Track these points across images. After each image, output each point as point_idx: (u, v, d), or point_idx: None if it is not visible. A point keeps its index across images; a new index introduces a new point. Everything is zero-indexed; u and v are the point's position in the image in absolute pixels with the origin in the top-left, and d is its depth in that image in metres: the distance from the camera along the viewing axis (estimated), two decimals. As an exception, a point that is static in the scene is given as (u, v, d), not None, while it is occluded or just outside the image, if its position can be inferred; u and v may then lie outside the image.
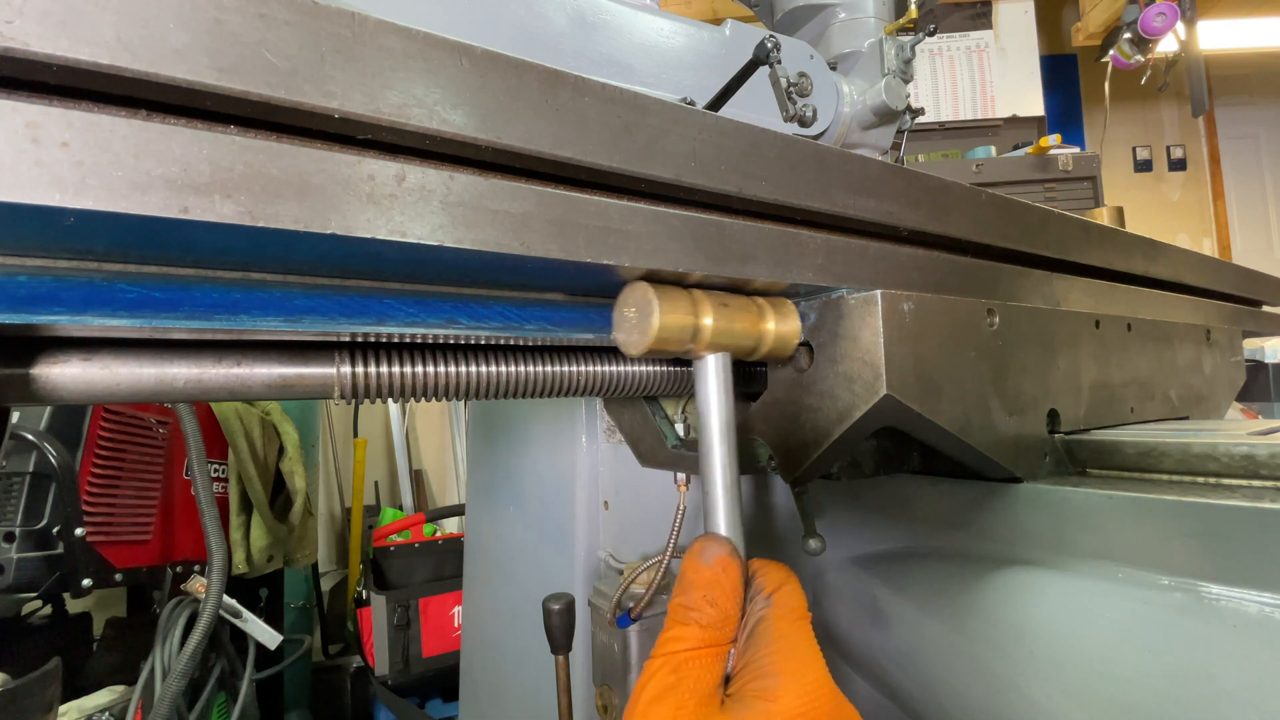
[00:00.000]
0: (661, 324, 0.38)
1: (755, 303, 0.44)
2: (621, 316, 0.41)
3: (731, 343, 0.42)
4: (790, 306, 0.46)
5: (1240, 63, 4.20)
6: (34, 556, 1.18)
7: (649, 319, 0.39)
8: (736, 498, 0.41)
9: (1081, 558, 0.48)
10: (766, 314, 0.44)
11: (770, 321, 0.44)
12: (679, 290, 0.40)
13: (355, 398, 0.41)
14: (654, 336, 0.39)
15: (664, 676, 0.35)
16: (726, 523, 0.41)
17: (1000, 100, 3.11)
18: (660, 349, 0.40)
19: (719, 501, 0.41)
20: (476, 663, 1.06)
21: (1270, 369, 2.09)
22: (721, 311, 0.41)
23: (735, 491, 0.41)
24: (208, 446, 1.29)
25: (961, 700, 0.54)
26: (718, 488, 0.41)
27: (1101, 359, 0.63)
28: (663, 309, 0.39)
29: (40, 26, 0.21)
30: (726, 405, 0.42)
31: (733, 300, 0.43)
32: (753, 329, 0.43)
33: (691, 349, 0.41)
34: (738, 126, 0.39)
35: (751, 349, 0.44)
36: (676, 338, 0.40)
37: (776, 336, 0.44)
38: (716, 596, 0.37)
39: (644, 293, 0.39)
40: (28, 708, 0.97)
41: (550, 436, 0.81)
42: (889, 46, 1.12)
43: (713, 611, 0.36)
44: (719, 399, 0.42)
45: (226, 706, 1.55)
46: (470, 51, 0.30)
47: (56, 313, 0.29)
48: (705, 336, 0.41)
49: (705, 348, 0.41)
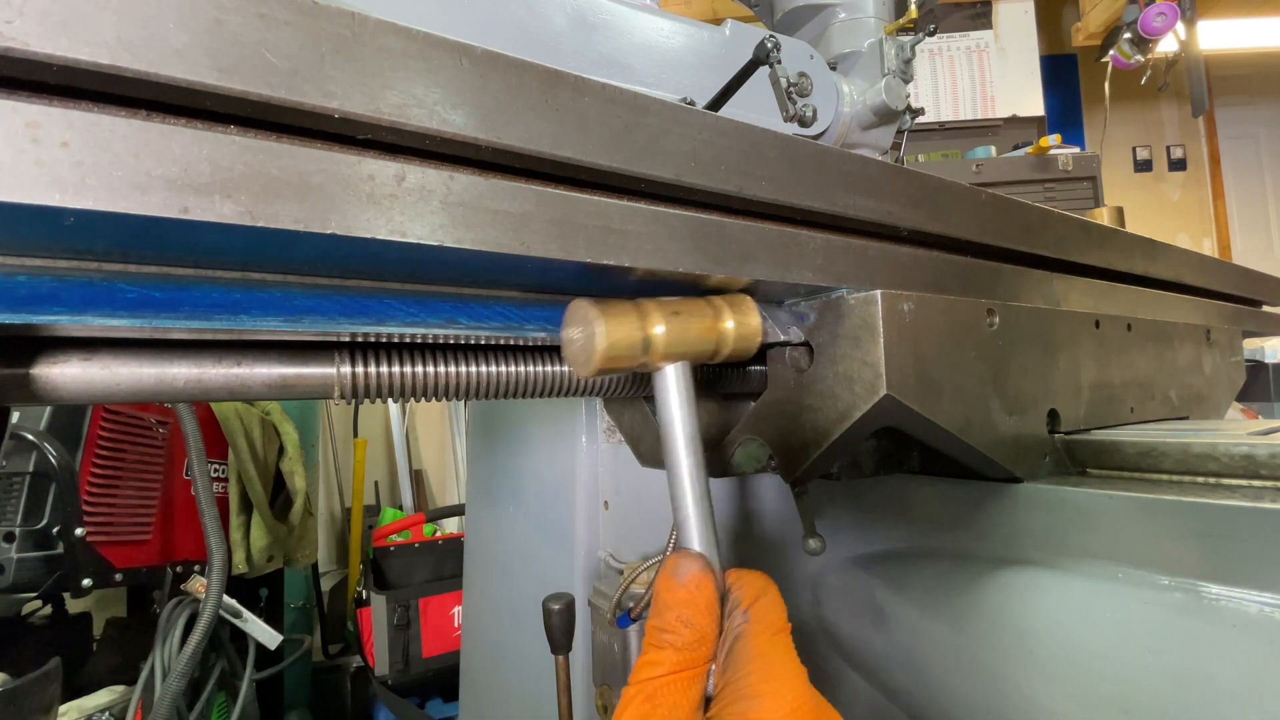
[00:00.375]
0: (609, 343, 0.36)
1: (711, 304, 0.42)
2: (567, 339, 0.39)
3: (688, 350, 0.40)
4: (749, 302, 0.43)
5: (1240, 63, 4.20)
6: (34, 556, 1.18)
7: (594, 340, 0.37)
8: (708, 509, 0.40)
9: (1081, 558, 0.48)
10: (724, 314, 0.42)
11: (728, 320, 0.42)
12: (624, 303, 0.38)
13: (355, 398, 0.41)
14: (601, 356, 0.36)
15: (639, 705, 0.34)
16: (699, 537, 0.39)
17: (1000, 100, 3.11)
18: (611, 367, 0.37)
19: (690, 515, 0.39)
20: (476, 663, 1.06)
21: (1270, 369, 2.09)
22: (673, 320, 0.39)
23: (706, 503, 0.40)
24: (208, 446, 1.29)
25: (961, 700, 0.54)
26: (687, 501, 0.39)
27: (1101, 359, 0.63)
28: (608, 326, 0.36)
29: (40, 26, 0.21)
30: (690, 415, 0.40)
31: (684, 305, 0.40)
32: (709, 333, 0.41)
33: (646, 362, 0.39)
34: (738, 126, 0.39)
35: (712, 352, 0.42)
36: (627, 354, 0.37)
37: (737, 336, 0.42)
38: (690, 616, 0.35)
39: (585, 311, 0.37)
40: (28, 708, 0.97)
41: (550, 436, 0.81)
42: (889, 46, 1.12)
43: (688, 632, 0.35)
44: (681, 410, 0.40)
45: (226, 706, 1.55)
46: (470, 51, 0.30)
47: (56, 313, 0.29)
48: (658, 347, 0.38)
49: (661, 359, 0.39)
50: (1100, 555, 0.47)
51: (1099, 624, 0.45)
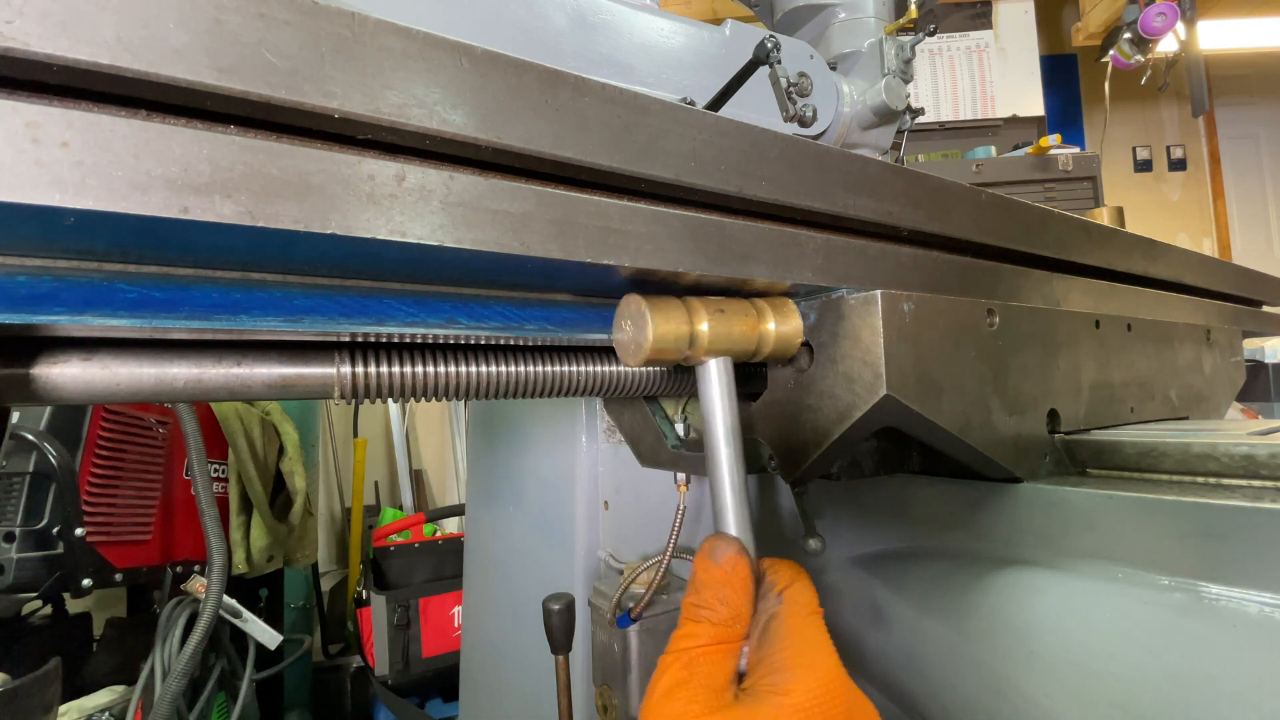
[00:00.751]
0: (656, 335, 0.39)
1: (755, 305, 0.44)
2: (619, 329, 0.42)
3: (731, 347, 0.43)
4: (791, 306, 0.46)
5: (1240, 63, 4.20)
6: (34, 556, 1.18)
7: (644, 331, 0.39)
8: (744, 498, 0.42)
9: (1081, 558, 0.48)
10: (767, 315, 0.44)
11: (771, 322, 0.44)
12: (672, 299, 0.41)
13: (355, 398, 0.41)
14: (650, 348, 0.39)
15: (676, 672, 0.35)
16: (736, 522, 0.41)
17: (1000, 100, 3.11)
18: (658, 358, 0.40)
19: (728, 502, 0.41)
20: (476, 663, 1.06)
21: (1270, 369, 2.09)
22: (718, 317, 0.41)
23: (743, 492, 0.42)
24: (208, 446, 1.29)
25: (962, 700, 0.54)
26: (725, 489, 0.41)
27: (1101, 359, 0.63)
28: (656, 320, 0.39)
29: (40, 26, 0.21)
30: (731, 408, 0.42)
31: (730, 305, 0.43)
32: (752, 332, 0.44)
33: (690, 355, 0.42)
34: (738, 126, 0.39)
35: (753, 351, 0.44)
36: (673, 347, 0.40)
37: (778, 337, 0.45)
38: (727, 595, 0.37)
39: (637, 305, 0.40)
40: (28, 708, 0.97)
41: (550, 436, 0.81)
42: (889, 46, 1.12)
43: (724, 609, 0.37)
44: (723, 402, 0.42)
45: (226, 706, 1.55)
46: (470, 51, 0.30)
47: (56, 313, 0.29)
48: (703, 342, 0.41)
49: (704, 353, 0.42)
50: (1100, 555, 0.47)
51: (1099, 624, 0.45)
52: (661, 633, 0.62)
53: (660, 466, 0.63)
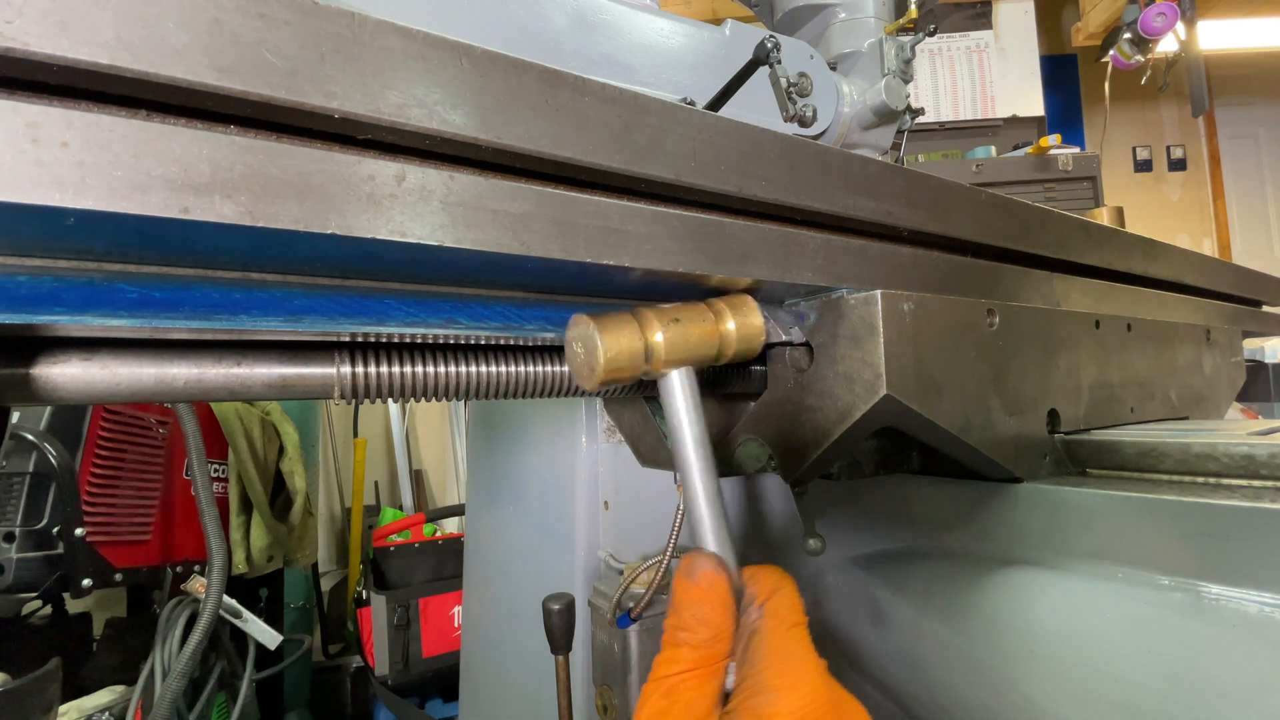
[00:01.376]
0: (609, 356, 0.37)
1: (711, 306, 0.43)
2: (571, 353, 0.40)
3: (690, 355, 0.41)
4: (751, 303, 0.44)
5: (1240, 63, 4.20)
6: (34, 556, 1.18)
7: (595, 354, 0.37)
8: (720, 509, 0.40)
9: (1081, 558, 0.48)
10: (725, 316, 0.42)
11: (729, 322, 0.42)
12: (622, 314, 0.39)
13: (355, 398, 0.41)
14: (604, 369, 0.37)
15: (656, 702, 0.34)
16: (713, 536, 0.40)
17: (1000, 100, 3.11)
18: (615, 378, 0.38)
19: (703, 515, 0.40)
20: (476, 663, 1.06)
21: (1270, 369, 2.09)
22: (673, 327, 0.40)
23: (718, 503, 0.40)
24: (208, 446, 1.29)
25: (961, 701, 0.54)
26: (700, 501, 0.40)
27: (1101, 359, 0.63)
28: (605, 339, 0.37)
29: (40, 26, 0.21)
30: (697, 419, 0.40)
31: (684, 311, 0.41)
32: (711, 336, 0.42)
33: (649, 370, 0.40)
34: (738, 126, 0.39)
35: (715, 355, 0.43)
36: (629, 364, 0.38)
37: (740, 338, 0.43)
38: (706, 614, 0.36)
39: (584, 326, 0.38)
40: (28, 708, 0.97)
41: (550, 436, 0.81)
42: (889, 46, 1.12)
43: (703, 630, 0.36)
44: (688, 414, 0.40)
45: (226, 706, 1.55)
46: (470, 51, 0.30)
47: (56, 313, 0.29)
48: (660, 355, 0.39)
49: (663, 365, 0.40)
50: (1100, 555, 0.47)
51: (1099, 624, 0.45)
52: (661, 633, 0.62)
53: (660, 466, 0.63)
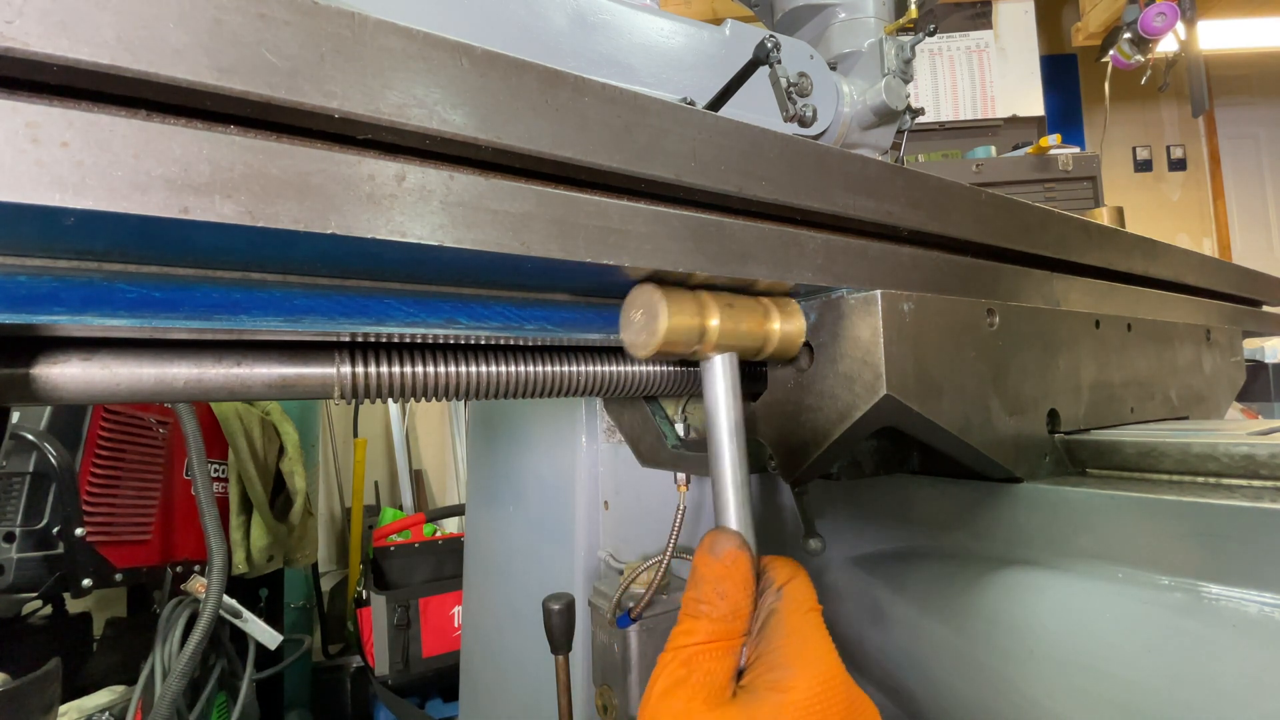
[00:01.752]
0: (669, 326, 0.39)
1: (760, 303, 0.45)
2: (628, 319, 0.41)
3: (737, 343, 0.42)
4: (795, 306, 0.46)
5: (1240, 63, 4.20)
6: (34, 556, 1.18)
7: (656, 321, 0.39)
8: (746, 495, 0.41)
9: (1081, 558, 0.48)
10: (772, 314, 0.44)
11: (776, 321, 0.44)
12: (685, 291, 0.40)
13: (355, 398, 0.41)
14: (661, 338, 0.39)
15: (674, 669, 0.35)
16: (737, 518, 0.41)
17: (1000, 100, 3.11)
18: (668, 350, 0.40)
19: (730, 499, 0.41)
20: (476, 663, 1.06)
21: (1270, 369, 2.09)
22: (727, 312, 0.41)
23: (745, 489, 0.41)
24: (208, 446, 1.29)
25: (962, 700, 0.54)
26: (728, 485, 0.41)
27: (1101, 359, 0.63)
28: (669, 311, 0.39)
29: (40, 26, 0.21)
30: (735, 404, 0.42)
31: (738, 301, 0.43)
32: (758, 329, 0.44)
33: (698, 350, 0.42)
34: (738, 126, 0.39)
35: (758, 349, 0.44)
36: (684, 339, 0.40)
37: (783, 336, 0.45)
38: (726, 589, 0.37)
39: (650, 295, 0.40)
40: (28, 708, 0.97)
41: (550, 436, 0.81)
42: (889, 46, 1.12)
43: (723, 605, 0.36)
44: (727, 399, 0.42)
45: (226, 706, 1.55)
46: (470, 51, 0.30)
47: (56, 313, 0.29)
48: (711, 337, 0.41)
49: (712, 348, 0.42)
50: (1100, 555, 0.47)
51: (1099, 624, 0.45)
52: (661, 632, 0.62)
53: (660, 466, 0.63)
